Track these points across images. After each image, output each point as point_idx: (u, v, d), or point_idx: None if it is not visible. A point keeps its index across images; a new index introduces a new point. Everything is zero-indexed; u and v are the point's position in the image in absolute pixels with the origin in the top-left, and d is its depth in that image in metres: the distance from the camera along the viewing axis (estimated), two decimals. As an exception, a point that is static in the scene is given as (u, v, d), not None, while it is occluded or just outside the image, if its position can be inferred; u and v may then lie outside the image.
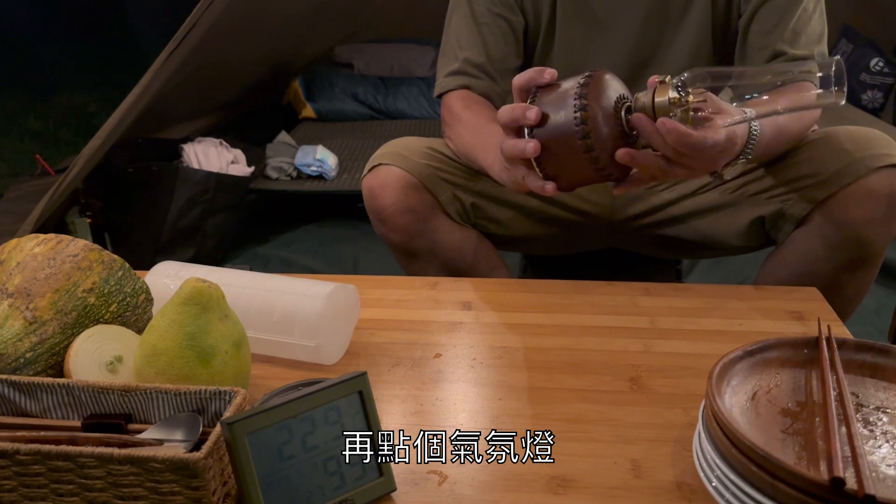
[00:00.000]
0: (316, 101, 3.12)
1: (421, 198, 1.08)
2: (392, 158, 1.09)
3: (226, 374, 0.68)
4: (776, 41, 1.05)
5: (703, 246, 1.18)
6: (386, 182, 1.07)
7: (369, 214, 1.11)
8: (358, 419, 0.62)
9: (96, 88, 4.29)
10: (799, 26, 1.05)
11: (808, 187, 1.01)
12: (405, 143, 1.13)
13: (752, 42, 1.08)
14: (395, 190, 1.07)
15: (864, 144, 0.98)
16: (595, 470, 0.66)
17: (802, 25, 1.05)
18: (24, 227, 1.88)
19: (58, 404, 0.66)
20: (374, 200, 1.08)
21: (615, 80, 0.84)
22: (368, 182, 1.10)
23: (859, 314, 1.73)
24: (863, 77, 2.98)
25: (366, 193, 1.10)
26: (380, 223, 1.10)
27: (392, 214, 1.07)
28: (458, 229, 1.12)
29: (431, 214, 1.09)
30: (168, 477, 0.56)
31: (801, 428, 0.62)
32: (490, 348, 0.87)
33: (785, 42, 1.05)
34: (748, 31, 1.08)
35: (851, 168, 0.96)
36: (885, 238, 1.00)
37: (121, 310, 0.78)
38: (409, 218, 1.08)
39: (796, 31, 1.05)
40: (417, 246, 1.10)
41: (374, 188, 1.08)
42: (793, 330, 0.89)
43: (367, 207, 1.11)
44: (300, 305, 0.82)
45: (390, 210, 1.07)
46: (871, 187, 0.95)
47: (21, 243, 0.78)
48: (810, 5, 1.06)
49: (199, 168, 2.16)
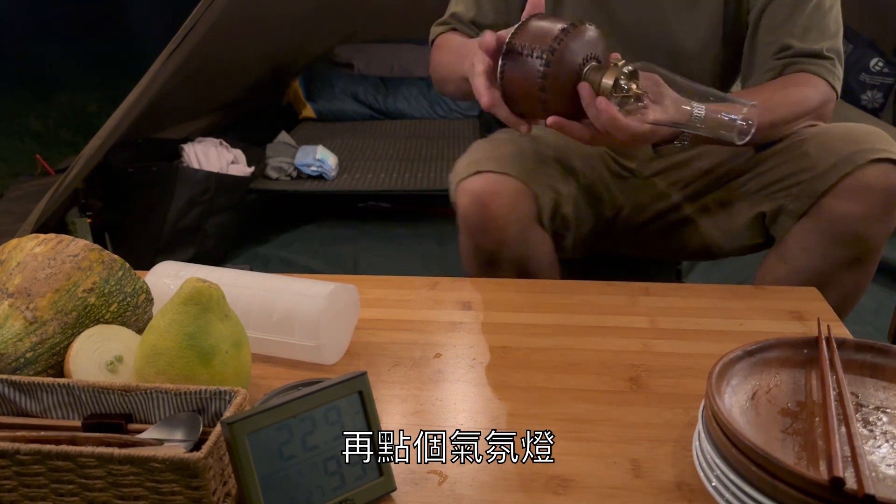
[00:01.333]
0: (316, 101, 3.11)
1: (528, 207, 1.04)
2: (504, 165, 1.04)
3: (226, 374, 0.68)
4: (784, 36, 1.06)
5: (705, 248, 1.18)
6: (497, 190, 1.02)
7: (467, 219, 1.05)
8: (358, 419, 0.62)
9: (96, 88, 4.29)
10: (811, 22, 1.06)
11: (806, 181, 1.01)
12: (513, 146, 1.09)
13: (762, 37, 1.08)
14: (507, 199, 1.02)
15: (861, 139, 0.99)
16: (595, 470, 0.66)
17: (815, 21, 1.06)
18: (25, 227, 1.88)
19: (58, 404, 0.66)
20: (482, 208, 1.02)
21: (593, 38, 0.88)
22: (474, 188, 1.03)
23: (859, 314, 1.73)
24: (863, 77, 2.98)
25: (469, 199, 1.04)
26: (480, 231, 1.04)
27: (500, 225, 1.03)
28: (544, 236, 1.10)
29: (531, 224, 1.06)
30: (168, 477, 0.56)
31: (800, 428, 0.62)
32: (490, 348, 0.87)
33: (794, 37, 1.05)
34: (758, 25, 1.08)
35: (847, 160, 0.97)
36: (883, 234, 1.00)
37: (121, 310, 0.78)
38: (516, 228, 1.04)
39: (807, 26, 1.05)
40: (507, 255, 1.06)
41: (483, 196, 1.02)
42: (792, 330, 0.89)
43: (469, 213, 1.04)
44: (300, 305, 0.82)
45: (500, 221, 1.02)
46: (867, 181, 0.96)
47: (21, 243, 0.78)
48: (826, 2, 1.07)
49: (199, 168, 2.16)
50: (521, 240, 1.06)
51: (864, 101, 2.98)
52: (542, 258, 1.11)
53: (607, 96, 0.85)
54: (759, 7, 1.08)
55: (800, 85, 1.05)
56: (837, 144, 0.99)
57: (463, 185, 1.05)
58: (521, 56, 0.87)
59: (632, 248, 1.26)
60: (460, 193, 1.06)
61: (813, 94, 1.05)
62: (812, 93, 1.05)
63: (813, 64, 1.06)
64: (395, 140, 2.81)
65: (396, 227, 2.31)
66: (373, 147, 2.72)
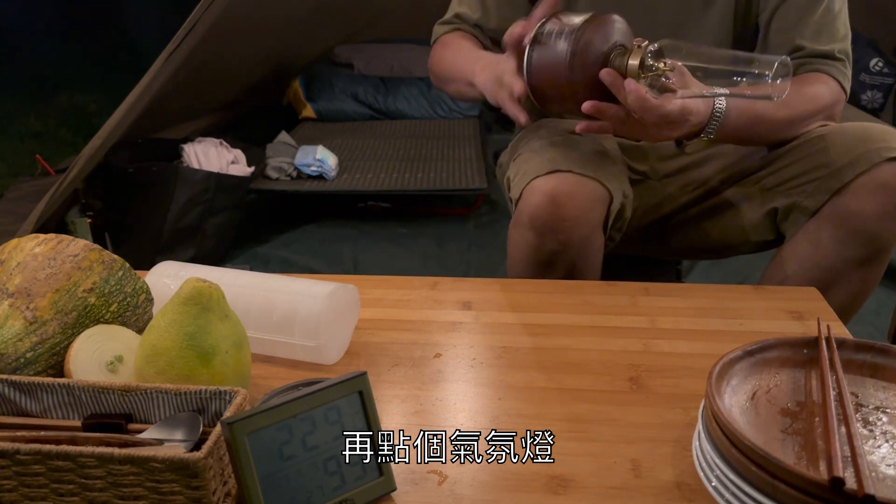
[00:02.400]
0: (316, 101, 3.12)
1: (602, 211, 1.02)
2: (583, 166, 1.00)
3: (226, 374, 0.68)
4: (796, 37, 1.07)
5: (712, 245, 1.18)
6: (575, 191, 0.99)
7: (538, 218, 1.00)
8: (358, 419, 0.62)
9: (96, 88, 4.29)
10: (821, 24, 1.06)
11: (821, 178, 1.01)
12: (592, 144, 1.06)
13: (773, 39, 1.09)
14: (584, 202, 0.99)
15: (877, 136, 0.99)
16: (595, 470, 0.66)
17: (826, 24, 1.07)
18: (25, 227, 1.88)
19: (58, 404, 0.66)
20: (556, 209, 0.98)
21: (617, 26, 0.91)
22: (548, 187, 0.99)
23: (859, 314, 1.73)
24: (862, 77, 2.98)
25: (544, 198, 0.99)
26: (550, 231, 1.00)
27: (571, 226, 0.99)
28: (602, 239, 1.07)
29: (598, 226, 1.04)
30: (168, 477, 0.56)
31: (800, 428, 0.62)
32: (490, 348, 0.87)
33: (806, 38, 1.06)
34: (769, 27, 1.09)
35: (863, 158, 0.97)
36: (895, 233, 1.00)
37: (121, 310, 0.78)
38: (585, 230, 1.01)
39: (818, 29, 1.06)
40: (567, 257, 1.03)
41: (559, 196, 0.98)
42: (792, 330, 0.89)
43: (541, 212, 1.00)
44: (300, 305, 0.82)
45: (572, 222, 0.99)
46: (882, 179, 0.96)
47: (21, 243, 0.78)
48: (836, 5, 1.07)
49: (200, 168, 2.16)
50: (585, 243, 1.03)
51: (864, 101, 2.98)
52: (595, 262, 1.08)
53: (636, 78, 0.87)
54: (770, 9, 1.08)
55: (814, 83, 1.06)
56: (853, 142, 0.99)
57: (536, 184, 1.01)
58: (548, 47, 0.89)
59: (641, 249, 1.25)
60: (532, 191, 1.01)
61: (826, 93, 1.06)
62: (825, 91, 1.06)
63: (825, 64, 1.07)
64: (395, 140, 2.81)
65: (396, 227, 2.32)
66: (373, 147, 2.72)
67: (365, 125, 3.03)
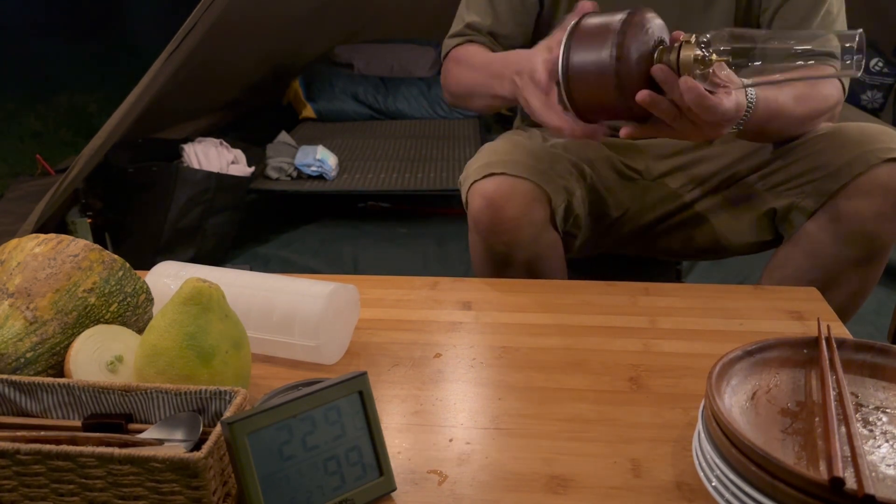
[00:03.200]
0: (316, 101, 3.12)
1: (542, 210, 1.03)
2: (518, 168, 1.02)
3: (226, 374, 0.68)
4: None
5: (711, 246, 1.18)
6: (510, 193, 1.01)
7: (480, 222, 1.03)
8: (358, 419, 0.62)
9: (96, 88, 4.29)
10: (823, 26, 1.06)
11: (819, 179, 1.01)
12: (528, 147, 1.08)
13: None
14: (521, 202, 1.01)
15: (875, 137, 0.99)
16: (595, 470, 0.66)
17: (826, 25, 1.07)
18: (25, 227, 1.88)
19: (58, 404, 0.66)
20: (495, 211, 1.01)
21: (655, 21, 0.86)
22: (486, 190, 1.02)
23: (859, 314, 1.73)
24: (862, 77, 2.98)
25: (482, 202, 1.02)
26: (493, 234, 1.03)
27: (513, 227, 1.02)
28: (556, 238, 1.09)
29: (545, 226, 1.05)
30: (168, 477, 0.56)
31: (800, 428, 0.62)
32: (490, 348, 0.87)
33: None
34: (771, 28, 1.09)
35: (861, 159, 0.97)
36: (894, 234, 1.00)
37: (121, 310, 0.78)
38: (529, 230, 1.03)
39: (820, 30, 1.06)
40: (519, 257, 1.05)
41: (496, 198, 1.01)
42: (793, 330, 0.89)
43: (482, 216, 1.03)
44: (300, 305, 0.82)
45: (512, 223, 1.01)
46: (880, 180, 0.96)
47: (21, 243, 0.78)
48: (835, 7, 1.07)
49: (200, 168, 2.16)
50: (533, 242, 1.05)
51: (864, 101, 2.99)
52: (553, 260, 1.10)
53: (690, 74, 0.81)
54: (772, 10, 1.08)
55: (825, 83, 1.06)
56: (851, 143, 0.99)
57: (475, 188, 1.03)
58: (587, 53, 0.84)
59: (636, 248, 1.25)
60: (472, 195, 1.04)
61: (835, 93, 1.06)
62: (834, 92, 1.06)
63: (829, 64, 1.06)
64: (395, 140, 2.81)
65: (396, 227, 2.32)
66: (373, 147, 2.72)
67: (365, 125, 3.03)
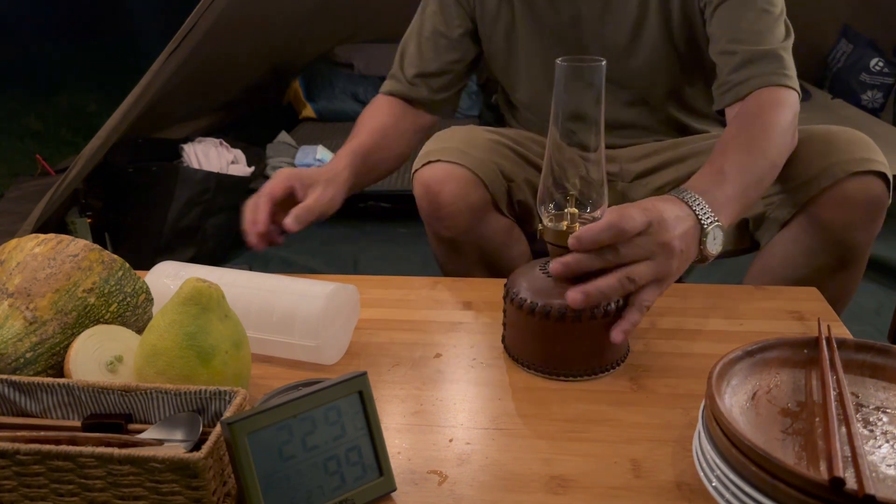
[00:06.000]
0: (316, 101, 3.12)
1: (480, 194, 1.07)
2: (452, 154, 1.06)
3: (226, 374, 0.68)
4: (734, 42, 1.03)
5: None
6: (445, 178, 1.05)
7: (423, 209, 1.09)
8: (358, 419, 0.62)
9: (96, 88, 4.30)
10: (761, 26, 1.03)
11: (787, 192, 1.01)
12: (464, 135, 1.11)
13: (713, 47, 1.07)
14: (456, 187, 1.05)
15: (843, 147, 0.97)
16: (595, 470, 0.66)
17: (766, 27, 1.03)
18: (25, 227, 1.88)
19: (58, 404, 0.66)
20: (433, 197, 1.06)
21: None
22: (424, 177, 1.07)
23: (859, 314, 1.73)
24: (863, 77, 2.98)
25: (421, 189, 1.07)
26: (435, 219, 1.08)
27: (452, 212, 1.06)
28: (506, 223, 1.12)
29: (486, 210, 1.09)
30: (168, 477, 0.56)
31: (801, 428, 0.62)
32: (490, 348, 0.87)
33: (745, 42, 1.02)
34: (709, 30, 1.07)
35: (828, 172, 0.96)
36: (866, 241, 1.00)
37: (121, 310, 0.78)
38: (469, 215, 1.07)
39: (759, 30, 1.02)
40: (467, 241, 1.10)
41: (432, 184, 1.06)
42: (793, 330, 0.89)
43: (423, 203, 1.08)
44: (300, 305, 0.82)
45: (450, 208, 1.06)
46: (849, 193, 0.95)
47: (21, 243, 0.78)
48: (776, 10, 1.04)
49: (200, 168, 2.16)
50: (476, 226, 1.08)
51: (864, 101, 2.99)
52: (509, 244, 1.13)
53: (572, 230, 0.75)
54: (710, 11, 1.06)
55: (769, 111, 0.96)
56: (817, 155, 0.97)
57: (416, 176, 1.09)
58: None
59: None
60: (415, 184, 1.09)
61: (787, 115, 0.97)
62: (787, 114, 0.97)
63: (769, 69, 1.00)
64: (394, 140, 2.80)
65: (396, 227, 2.32)
66: (373, 147, 2.71)
67: (365, 125, 3.02)
